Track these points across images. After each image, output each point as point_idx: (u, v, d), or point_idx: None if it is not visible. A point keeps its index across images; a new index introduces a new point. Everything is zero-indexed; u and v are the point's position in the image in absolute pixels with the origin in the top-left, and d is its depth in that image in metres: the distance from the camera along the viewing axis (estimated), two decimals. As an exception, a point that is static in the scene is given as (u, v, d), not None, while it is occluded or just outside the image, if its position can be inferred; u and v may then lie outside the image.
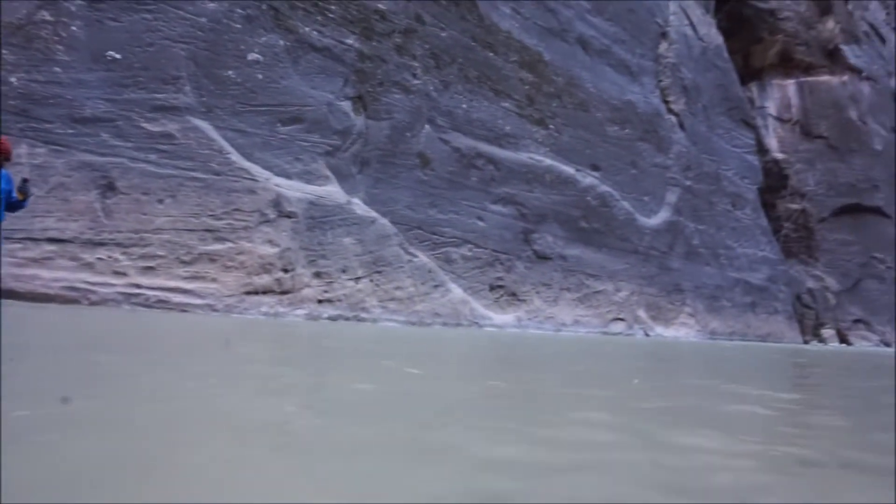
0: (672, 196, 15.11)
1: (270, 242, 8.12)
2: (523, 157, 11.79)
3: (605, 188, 13.25)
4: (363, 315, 8.70)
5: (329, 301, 8.51)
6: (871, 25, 23.28)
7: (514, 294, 10.92)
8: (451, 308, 9.77)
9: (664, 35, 16.06)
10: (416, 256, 9.68)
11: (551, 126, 12.52)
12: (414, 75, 10.49)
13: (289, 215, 8.38)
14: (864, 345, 20.00)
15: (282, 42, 8.96)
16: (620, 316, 12.83)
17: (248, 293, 7.83)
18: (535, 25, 12.67)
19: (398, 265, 9.36)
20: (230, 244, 7.85)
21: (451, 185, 10.58)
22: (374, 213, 9.40)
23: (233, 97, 8.41)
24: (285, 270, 8.18)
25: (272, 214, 8.21)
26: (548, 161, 12.19)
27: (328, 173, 9.16)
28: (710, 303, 15.46)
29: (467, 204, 10.74)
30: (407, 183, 10.05)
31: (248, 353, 3.70)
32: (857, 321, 20.68)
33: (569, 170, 12.55)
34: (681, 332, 14.22)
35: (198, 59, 8.16)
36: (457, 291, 9.98)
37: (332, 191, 9.00)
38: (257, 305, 7.79)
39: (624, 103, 14.35)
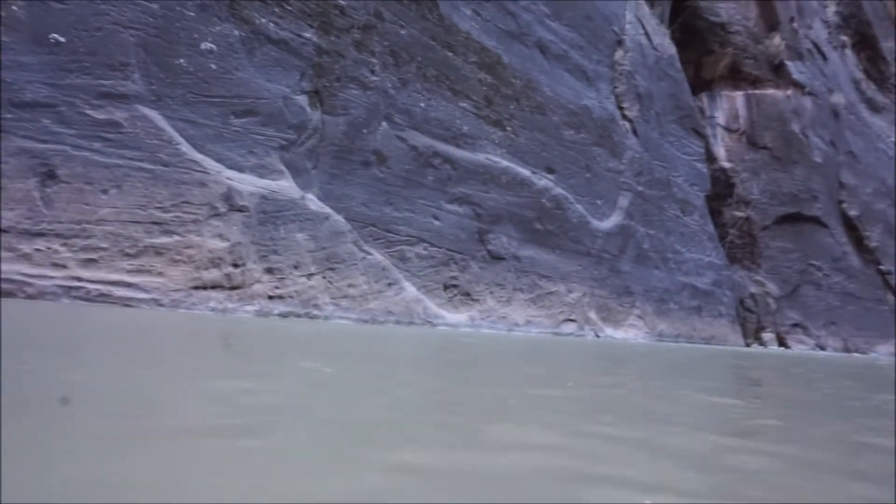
0: (624, 200, 15.46)
1: (220, 237, 7.95)
2: (480, 157, 11.87)
3: (559, 191, 13.46)
4: (315, 312, 8.61)
5: (280, 297, 8.38)
6: (815, 43, 24.31)
7: (467, 293, 10.99)
8: (405, 306, 9.76)
9: (620, 43, 16.41)
10: (370, 254, 9.64)
11: (508, 128, 12.64)
12: (372, 72, 10.43)
13: (240, 209, 8.22)
14: (800, 348, 20.88)
15: (237, 32, 8.78)
16: (572, 317, 13.06)
17: (196, 288, 7.65)
18: (495, 28, 12.77)
19: (352, 262, 9.30)
20: (178, 237, 7.64)
21: (407, 184, 10.57)
22: (328, 210, 9.31)
23: (184, 87, 8.19)
24: (235, 265, 8.02)
25: (223, 208, 8.04)
26: (504, 162, 12.30)
27: (282, 168, 9.02)
28: (659, 305, 15.87)
29: (423, 203, 10.75)
30: (362, 180, 9.99)
31: (167, 348, 3.61)
32: (794, 325, 21.57)
33: (525, 172, 12.70)
34: (630, 333, 14.56)
35: (148, 46, 7.92)
36: (410, 290, 9.97)
37: (285, 185, 8.87)
38: (205, 301, 7.62)
39: (580, 108, 14.60)
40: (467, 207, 11.50)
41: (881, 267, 24.65)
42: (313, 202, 9.19)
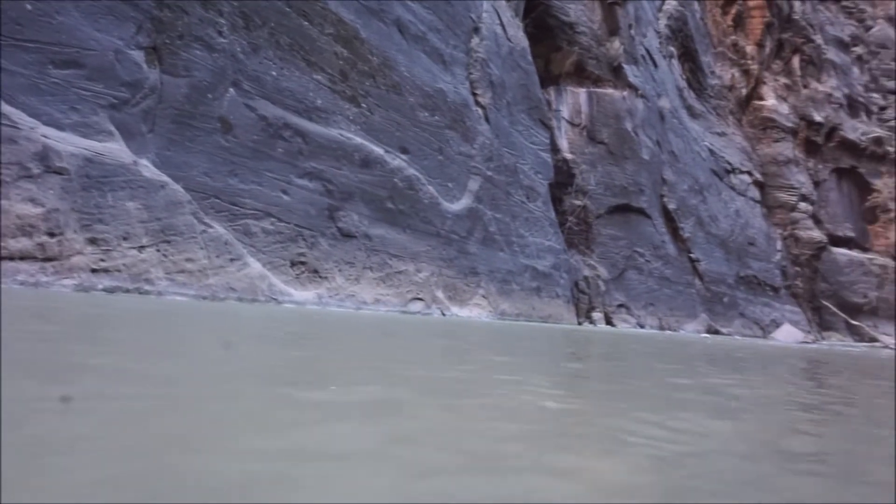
0: (474, 184, 16.04)
1: (33, 201, 7.09)
2: (333, 132, 11.66)
3: (412, 171, 13.64)
4: (146, 287, 8.01)
5: (106, 271, 7.69)
6: (647, 51, 26.74)
7: (316, 271, 10.82)
8: (248, 283, 9.40)
9: (476, 30, 16.88)
10: (211, 227, 9.13)
11: (363, 105, 12.53)
12: (220, 33, 9.80)
13: (58, 171, 7.39)
14: (624, 326, 23.17)
15: (58, -28, 7.79)
16: (420, 296, 13.37)
17: (2, 258, 6.78)
18: (354, 1, 12.54)
19: (190, 235, 8.75)
20: (-21, 200, 6.70)
21: (254, 155, 10.13)
22: (165, 178, 8.66)
23: (-11, 27, 7.14)
24: (51, 234, 7.22)
25: (36, 169, 7.17)
26: (358, 139, 12.20)
27: (111, 129, 8.22)
28: (502, 286, 16.75)
29: (271, 176, 10.36)
30: (205, 148, 9.40)
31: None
32: (620, 306, 23.85)
33: (378, 150, 12.69)
34: (474, 312, 15.23)
35: (-59, -25, 6.78)
36: (255, 266, 9.62)
37: (114, 148, 8.10)
38: (12, 273, 6.78)
39: (435, 91, 14.84)
40: (318, 183, 11.27)
41: (692, 255, 28.03)
42: (148, 168, 8.49)
